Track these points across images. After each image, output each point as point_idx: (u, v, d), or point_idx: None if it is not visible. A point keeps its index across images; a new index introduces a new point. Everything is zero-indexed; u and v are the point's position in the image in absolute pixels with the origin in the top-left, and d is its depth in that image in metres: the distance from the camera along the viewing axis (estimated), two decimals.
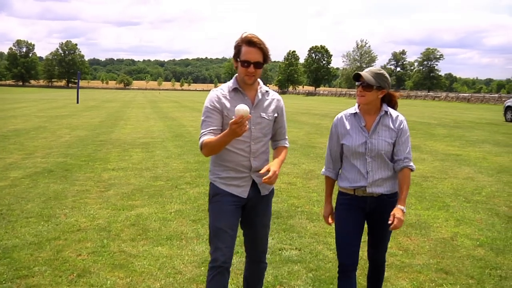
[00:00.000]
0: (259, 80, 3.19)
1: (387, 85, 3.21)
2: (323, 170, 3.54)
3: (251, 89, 3.15)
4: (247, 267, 3.56)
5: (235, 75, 3.19)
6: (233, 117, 2.74)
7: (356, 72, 3.22)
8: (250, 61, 3.00)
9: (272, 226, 5.52)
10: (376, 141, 3.20)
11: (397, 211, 3.10)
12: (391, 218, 3.07)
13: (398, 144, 3.22)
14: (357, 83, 3.21)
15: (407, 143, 3.24)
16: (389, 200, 3.24)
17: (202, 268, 4.57)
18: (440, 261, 4.92)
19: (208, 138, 3.03)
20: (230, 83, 3.18)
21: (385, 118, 3.24)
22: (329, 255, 5.00)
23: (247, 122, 2.76)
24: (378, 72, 3.19)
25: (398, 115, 3.27)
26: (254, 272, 3.52)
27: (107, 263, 4.70)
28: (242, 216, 3.29)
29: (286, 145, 3.40)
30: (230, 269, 3.26)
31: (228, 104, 3.09)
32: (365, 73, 3.17)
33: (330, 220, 3.46)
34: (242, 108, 2.71)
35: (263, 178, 2.99)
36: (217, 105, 3.09)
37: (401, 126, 3.22)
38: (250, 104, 3.11)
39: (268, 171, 3.02)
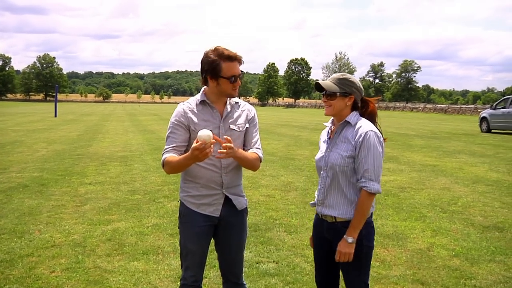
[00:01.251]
0: None
1: (355, 89, 2.90)
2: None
3: (220, 102, 3.07)
4: None
5: (203, 88, 3.11)
6: (195, 142, 2.67)
7: (316, 82, 2.95)
8: (236, 75, 2.95)
9: (249, 239, 5.51)
10: (332, 154, 2.91)
11: (340, 242, 2.83)
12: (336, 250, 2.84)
13: (357, 160, 2.81)
14: (323, 94, 2.94)
15: (367, 159, 2.78)
16: (345, 230, 2.84)
17: (178, 283, 4.46)
18: (416, 272, 4.95)
19: (170, 156, 2.96)
20: (198, 96, 3.10)
21: (347, 128, 2.91)
22: (307, 268, 4.99)
23: (212, 146, 2.67)
24: (341, 77, 2.91)
25: (361, 126, 2.84)
26: None
27: (82, 279, 4.62)
28: (216, 236, 3.19)
29: (258, 152, 3.11)
30: (204, 284, 3.25)
31: (194, 119, 3.01)
32: (325, 80, 2.92)
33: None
34: (204, 133, 2.63)
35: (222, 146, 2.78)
36: (182, 119, 3.02)
37: (360, 139, 2.79)
38: (218, 116, 3.04)
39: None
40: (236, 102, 3.15)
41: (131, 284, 4.54)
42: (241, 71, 3.01)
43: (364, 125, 2.85)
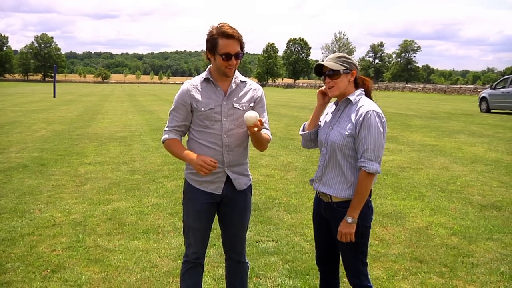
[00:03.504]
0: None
1: (355, 66, 2.90)
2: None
3: (224, 80, 3.05)
4: (228, 270, 3.40)
5: (209, 66, 3.11)
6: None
7: (316, 64, 2.93)
8: (231, 53, 2.91)
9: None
10: (332, 131, 2.89)
11: (341, 223, 2.84)
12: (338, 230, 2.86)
13: (357, 139, 2.78)
14: (322, 77, 2.94)
15: (366, 139, 2.75)
16: (341, 210, 2.86)
17: (178, 262, 4.55)
18: (414, 250, 4.99)
19: (172, 139, 3.08)
20: (203, 74, 3.11)
21: (349, 107, 2.89)
22: (306, 247, 5.03)
23: (212, 167, 2.87)
24: (339, 55, 2.91)
25: (363, 105, 2.82)
26: (237, 274, 3.37)
27: (82, 258, 4.66)
28: (219, 214, 3.22)
29: (267, 133, 3.15)
30: (205, 262, 3.29)
31: (197, 96, 3.02)
32: (327, 61, 2.90)
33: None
34: (252, 114, 2.85)
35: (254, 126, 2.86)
36: (185, 98, 3.04)
37: (361, 119, 2.76)
38: (222, 94, 3.02)
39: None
40: (243, 81, 3.12)
41: (132, 262, 4.58)
42: (241, 52, 2.96)
43: (365, 104, 2.82)
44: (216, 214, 3.23)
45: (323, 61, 2.94)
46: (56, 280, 4.16)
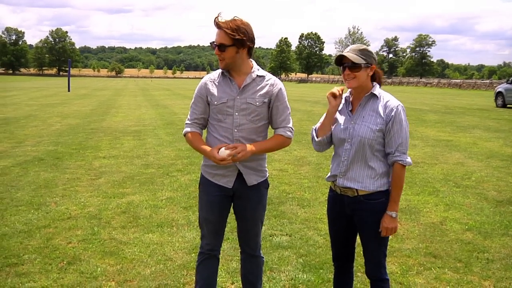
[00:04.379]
0: (253, 64, 3.07)
1: (374, 60, 2.87)
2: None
3: (240, 74, 3.02)
4: (243, 264, 3.41)
5: None
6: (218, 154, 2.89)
7: (338, 54, 2.86)
8: (215, 42, 2.92)
9: None
10: (358, 127, 2.85)
11: (384, 218, 2.85)
12: (381, 227, 2.86)
13: (389, 134, 2.80)
14: (341, 68, 2.88)
15: (400, 133, 2.79)
16: (368, 203, 2.87)
17: (192, 255, 4.58)
18: (429, 245, 4.96)
19: (192, 132, 3.13)
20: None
21: (374, 101, 2.87)
22: (319, 241, 5.03)
23: (229, 158, 2.88)
24: (361, 48, 2.86)
25: (389, 100, 2.85)
26: (252, 269, 3.37)
27: (98, 251, 4.70)
28: (234, 208, 3.23)
29: (284, 133, 3.12)
30: (220, 255, 3.31)
31: (213, 90, 3.03)
32: (349, 52, 2.84)
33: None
34: (222, 155, 2.89)
35: (227, 154, 2.90)
36: (203, 91, 3.07)
37: (392, 114, 2.78)
38: (236, 88, 3.01)
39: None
40: (261, 76, 3.06)
41: (146, 255, 4.61)
42: (221, 43, 2.90)
43: (392, 99, 2.86)
44: (232, 208, 3.25)
45: (342, 52, 2.90)
46: (72, 272, 4.21)
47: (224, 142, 3.01)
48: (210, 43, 2.97)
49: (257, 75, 3.05)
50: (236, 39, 2.87)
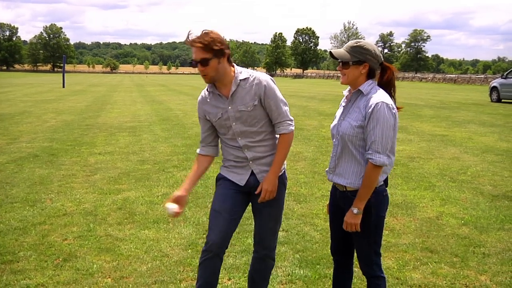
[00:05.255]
0: (235, 67, 3.03)
1: (370, 57, 2.80)
2: None
3: (226, 83, 3.00)
4: (252, 262, 3.40)
5: None
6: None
7: (330, 50, 2.88)
8: (195, 60, 2.91)
9: None
10: (343, 123, 2.87)
11: (347, 213, 2.84)
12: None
13: (366, 130, 2.75)
14: (338, 62, 2.87)
15: (375, 131, 2.70)
16: (354, 199, 2.84)
17: (189, 251, 4.58)
18: (425, 240, 4.97)
19: (198, 155, 3.27)
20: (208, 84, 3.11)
21: (360, 98, 2.84)
22: (316, 236, 5.03)
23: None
24: (354, 45, 2.81)
25: (372, 97, 2.76)
26: (260, 270, 3.37)
27: (93, 247, 4.69)
28: (251, 205, 3.26)
29: (284, 131, 3.07)
30: (223, 256, 3.21)
31: (208, 108, 3.12)
32: (339, 49, 2.83)
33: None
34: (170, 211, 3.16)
35: (259, 200, 3.05)
36: (201, 112, 3.19)
37: (370, 110, 2.72)
38: (225, 99, 3.02)
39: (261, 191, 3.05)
40: (243, 79, 3.01)
41: (142, 251, 4.60)
42: (199, 60, 2.90)
43: (376, 96, 2.76)
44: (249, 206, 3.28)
45: (336, 47, 2.89)
46: (68, 268, 4.19)
47: (236, 148, 3.11)
48: (190, 62, 2.95)
49: (240, 80, 3.00)
50: (215, 50, 2.86)
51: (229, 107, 3.00)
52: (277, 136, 3.14)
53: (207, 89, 3.12)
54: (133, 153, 9.67)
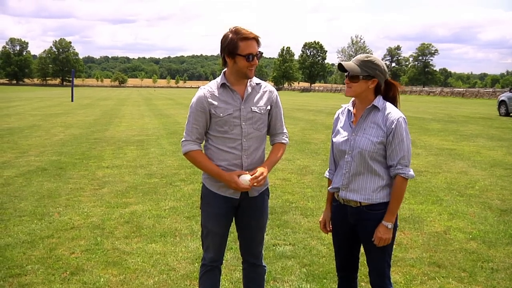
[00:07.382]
0: None
1: (379, 72, 2.83)
2: (326, 171, 3.23)
3: (240, 84, 3.06)
4: (245, 273, 3.42)
5: (223, 71, 3.12)
6: (238, 180, 2.96)
7: (339, 63, 2.88)
8: (253, 53, 2.94)
9: None
10: (359, 138, 2.84)
11: (378, 228, 2.84)
12: (374, 236, 2.86)
13: (390, 147, 2.79)
14: (345, 74, 2.90)
15: (401, 146, 2.78)
16: (370, 213, 2.87)
17: (195, 265, 4.58)
18: (433, 254, 4.94)
19: (195, 151, 3.09)
20: (218, 79, 3.10)
21: (375, 113, 2.84)
22: (323, 250, 5.01)
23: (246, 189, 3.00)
24: (365, 59, 2.83)
25: (391, 112, 2.81)
26: (254, 278, 3.38)
27: (101, 261, 4.70)
28: (236, 217, 3.23)
29: (283, 141, 3.26)
30: (222, 266, 3.32)
31: (215, 102, 3.03)
32: (349, 62, 2.86)
33: (326, 228, 3.21)
34: (245, 181, 2.98)
35: (250, 179, 2.97)
36: (204, 105, 3.05)
37: (393, 126, 2.76)
38: (239, 99, 3.03)
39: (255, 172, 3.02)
40: (257, 83, 3.13)
41: (150, 265, 4.61)
42: (259, 52, 2.99)
43: (393, 111, 2.83)
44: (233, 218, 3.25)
45: (344, 61, 2.93)
46: (75, 282, 4.21)
47: (232, 153, 3.05)
48: (245, 55, 2.94)
49: (255, 83, 3.12)
50: (260, 46, 3.04)
51: (242, 106, 3.04)
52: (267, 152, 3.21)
53: (218, 84, 3.08)
54: (141, 167, 9.71)
